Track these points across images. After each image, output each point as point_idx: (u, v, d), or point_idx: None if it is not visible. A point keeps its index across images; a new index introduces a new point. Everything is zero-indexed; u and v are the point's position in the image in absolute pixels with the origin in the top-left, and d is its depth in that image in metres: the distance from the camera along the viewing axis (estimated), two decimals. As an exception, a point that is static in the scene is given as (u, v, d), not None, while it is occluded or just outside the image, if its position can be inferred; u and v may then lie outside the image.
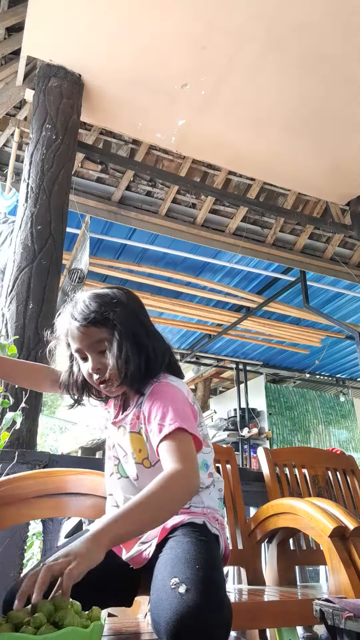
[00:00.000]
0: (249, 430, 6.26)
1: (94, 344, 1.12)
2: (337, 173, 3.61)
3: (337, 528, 1.33)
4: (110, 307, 1.13)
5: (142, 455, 1.11)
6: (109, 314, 1.12)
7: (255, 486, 2.14)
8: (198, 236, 3.82)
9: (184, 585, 0.83)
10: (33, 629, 0.72)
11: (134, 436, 1.13)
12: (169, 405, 1.06)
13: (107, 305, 1.13)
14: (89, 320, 1.11)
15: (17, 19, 2.87)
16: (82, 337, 1.12)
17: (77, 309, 1.14)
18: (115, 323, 1.12)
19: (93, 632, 0.74)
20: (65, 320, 1.16)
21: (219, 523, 1.11)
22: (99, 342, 1.12)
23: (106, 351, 1.11)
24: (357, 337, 4.24)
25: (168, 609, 0.81)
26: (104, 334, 1.12)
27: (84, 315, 1.12)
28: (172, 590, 0.83)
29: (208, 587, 0.84)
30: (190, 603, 0.80)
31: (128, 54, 2.70)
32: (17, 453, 1.72)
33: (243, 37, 2.58)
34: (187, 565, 0.89)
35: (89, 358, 1.13)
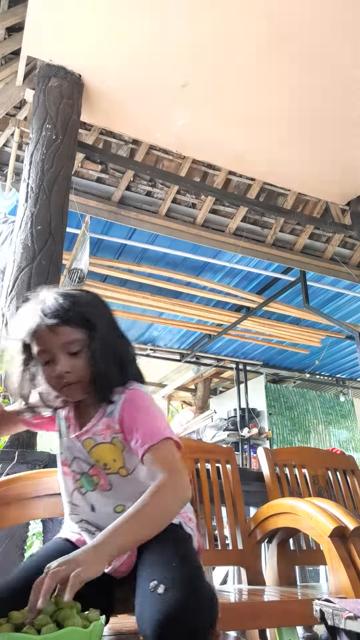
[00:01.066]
0: (249, 430, 6.26)
1: (66, 344, 1.04)
2: (337, 173, 3.61)
3: (337, 528, 1.33)
4: (84, 307, 1.08)
5: (118, 464, 1.08)
6: (84, 314, 1.06)
7: (255, 486, 2.14)
8: (198, 236, 3.82)
9: (162, 586, 0.83)
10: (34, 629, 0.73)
11: (105, 446, 1.08)
12: (150, 414, 1.06)
13: (82, 305, 1.07)
14: (63, 319, 1.03)
15: (17, 19, 2.87)
16: (53, 337, 1.03)
17: (48, 306, 1.05)
18: (91, 324, 1.06)
19: (93, 632, 0.74)
20: (32, 318, 1.05)
21: (193, 522, 1.12)
22: (72, 342, 1.04)
23: (79, 353, 1.04)
24: (357, 337, 4.24)
25: (149, 611, 0.81)
26: (78, 334, 1.05)
27: (58, 313, 1.03)
28: (152, 593, 0.83)
29: (186, 582, 0.84)
30: (170, 601, 0.80)
31: (128, 54, 2.70)
32: (17, 453, 1.72)
33: (243, 37, 2.58)
34: (164, 565, 0.90)
35: (57, 360, 1.04)
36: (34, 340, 1.05)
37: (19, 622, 0.75)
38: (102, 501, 1.09)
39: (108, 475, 1.08)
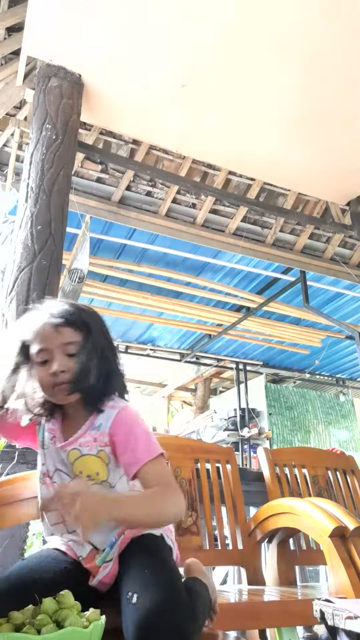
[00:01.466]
0: (249, 430, 6.26)
1: (64, 345, 1.09)
2: (337, 173, 3.61)
3: (337, 528, 1.33)
4: (87, 315, 1.15)
5: (101, 477, 1.09)
6: (86, 321, 1.13)
7: (255, 486, 2.14)
8: (198, 236, 3.82)
9: (135, 595, 0.86)
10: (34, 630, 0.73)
11: (90, 458, 1.10)
12: (143, 431, 1.11)
13: (83, 313, 1.15)
14: (67, 321, 1.11)
15: (17, 19, 2.87)
16: (56, 336, 1.09)
17: (55, 308, 1.13)
18: (90, 330, 1.12)
19: (93, 632, 0.74)
20: (37, 319, 1.12)
21: (172, 534, 1.15)
22: (70, 344, 1.10)
23: (74, 355, 1.09)
24: (357, 337, 4.24)
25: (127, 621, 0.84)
26: (77, 337, 1.11)
27: (63, 314, 1.11)
28: (128, 604, 0.86)
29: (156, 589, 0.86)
30: (140, 610, 0.83)
31: (128, 54, 2.70)
32: (17, 453, 1.72)
33: (243, 37, 2.58)
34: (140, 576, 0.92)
35: (54, 359, 1.08)
36: (37, 338, 1.10)
37: (19, 622, 0.75)
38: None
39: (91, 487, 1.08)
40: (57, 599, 0.79)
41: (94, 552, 1.06)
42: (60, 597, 0.80)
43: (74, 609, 0.79)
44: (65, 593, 0.82)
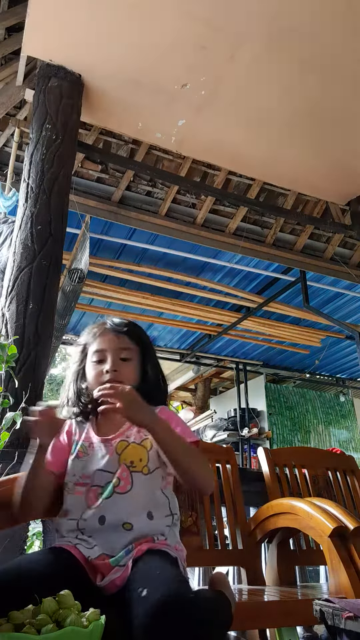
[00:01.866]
0: (249, 430, 6.26)
1: (120, 349, 1.28)
2: (337, 173, 3.61)
3: (337, 528, 1.33)
4: (142, 331, 1.37)
5: (142, 463, 1.19)
6: (140, 335, 1.34)
7: (255, 486, 2.14)
8: (198, 236, 3.82)
9: (145, 590, 0.88)
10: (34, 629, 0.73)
11: (135, 446, 1.21)
12: (183, 422, 1.28)
13: (140, 329, 1.37)
14: (125, 331, 1.31)
15: (17, 19, 2.87)
16: (114, 340, 1.29)
17: (116, 319, 1.36)
18: (143, 344, 1.33)
19: (93, 632, 0.74)
20: (99, 325, 1.34)
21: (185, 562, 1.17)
22: (125, 350, 1.29)
23: (127, 360, 1.27)
24: (357, 337, 4.24)
25: (135, 613, 0.85)
26: (131, 345, 1.30)
27: (123, 324, 1.33)
28: (138, 597, 0.88)
29: (167, 584, 0.88)
30: (150, 600, 0.84)
31: (128, 54, 2.70)
32: (17, 453, 1.72)
33: (243, 37, 2.58)
34: (151, 574, 0.95)
35: (108, 359, 1.26)
36: (98, 340, 1.31)
37: (19, 622, 0.75)
38: (115, 510, 1.11)
39: (132, 474, 1.17)
40: (57, 598, 0.79)
41: (104, 557, 1.07)
42: (60, 597, 0.80)
43: (74, 609, 0.78)
44: (65, 593, 0.82)
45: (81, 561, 1.07)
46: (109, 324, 1.33)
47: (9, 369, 1.79)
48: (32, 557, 1.06)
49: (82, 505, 1.15)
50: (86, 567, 1.07)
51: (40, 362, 2.14)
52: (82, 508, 1.15)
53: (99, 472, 1.17)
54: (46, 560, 1.03)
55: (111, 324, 1.32)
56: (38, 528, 2.66)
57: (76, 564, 1.06)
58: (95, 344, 1.30)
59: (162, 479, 1.20)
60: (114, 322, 1.33)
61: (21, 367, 2.06)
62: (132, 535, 1.09)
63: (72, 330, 5.68)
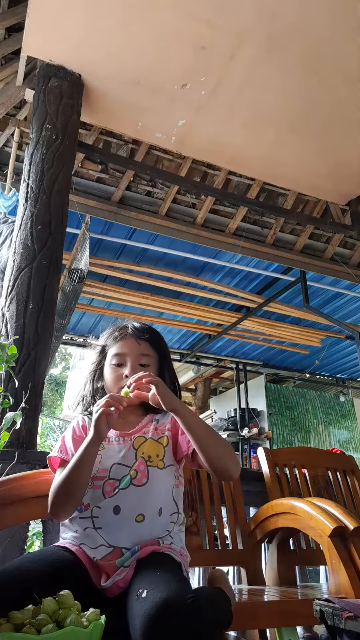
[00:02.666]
0: (249, 430, 6.26)
1: (140, 355, 1.31)
2: (337, 173, 3.61)
3: (337, 528, 1.33)
4: (161, 338, 1.40)
5: (159, 458, 1.23)
6: (160, 342, 1.38)
7: (255, 486, 2.14)
8: (198, 236, 3.82)
9: (145, 591, 0.89)
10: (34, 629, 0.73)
11: (153, 442, 1.25)
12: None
13: (160, 337, 1.40)
14: (146, 336, 1.35)
15: (17, 19, 2.87)
16: (134, 345, 1.33)
17: (138, 325, 1.38)
18: (164, 353, 1.37)
19: (93, 632, 0.74)
20: (121, 329, 1.37)
21: (188, 568, 1.20)
22: (144, 356, 1.32)
23: (146, 366, 1.31)
24: (357, 337, 4.24)
25: (134, 614, 0.86)
26: (151, 352, 1.34)
27: (144, 331, 1.36)
28: (137, 599, 0.88)
29: (168, 586, 0.88)
30: (150, 602, 0.84)
31: (128, 54, 2.70)
32: (17, 453, 1.72)
33: (243, 37, 2.58)
34: (151, 576, 0.95)
35: (128, 364, 1.30)
36: (119, 344, 1.34)
37: (18, 622, 0.75)
38: (130, 501, 1.14)
39: (149, 468, 1.20)
40: (57, 598, 0.79)
41: (110, 557, 1.07)
42: (60, 597, 0.80)
43: (74, 609, 0.78)
44: (65, 593, 0.82)
45: (84, 562, 1.07)
46: (131, 329, 1.35)
47: (9, 369, 1.79)
48: (33, 556, 1.06)
49: (98, 497, 1.17)
50: (90, 568, 1.07)
51: (40, 362, 2.14)
52: (95, 498, 1.17)
53: (116, 465, 1.20)
54: (47, 560, 1.03)
55: (133, 329, 1.35)
56: (38, 528, 2.65)
57: (78, 565, 1.06)
58: (115, 347, 1.34)
59: (175, 478, 1.24)
60: (136, 328, 1.36)
61: (21, 367, 2.06)
62: (142, 529, 1.11)
63: (72, 330, 5.67)
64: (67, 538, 1.16)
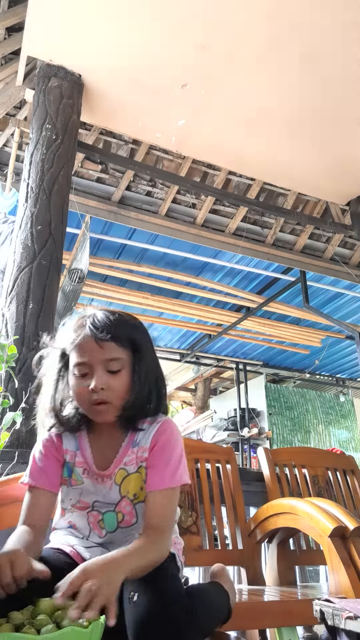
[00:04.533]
0: (249, 430, 6.26)
1: (107, 361, 1.02)
2: (337, 173, 3.61)
3: (337, 528, 1.33)
4: (133, 328, 1.08)
5: (144, 493, 1.06)
6: (132, 335, 1.06)
7: (255, 486, 2.14)
8: (198, 236, 3.82)
9: (136, 594, 0.86)
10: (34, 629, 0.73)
11: (135, 476, 1.07)
12: (177, 454, 1.07)
13: (131, 326, 1.08)
14: (111, 335, 1.03)
15: (17, 19, 2.87)
16: (97, 350, 1.02)
17: (98, 320, 1.04)
18: (136, 347, 1.06)
19: (93, 632, 0.74)
20: (78, 329, 1.05)
21: (182, 557, 1.13)
22: (113, 360, 1.03)
23: (117, 372, 1.03)
24: (357, 337, 4.24)
25: (128, 618, 0.84)
26: (121, 354, 1.04)
27: (107, 328, 1.03)
28: (129, 602, 0.86)
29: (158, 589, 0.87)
30: (139, 607, 0.83)
31: (128, 54, 2.70)
32: (17, 453, 1.72)
33: (243, 37, 2.58)
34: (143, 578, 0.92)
35: (93, 375, 1.02)
36: (78, 350, 1.03)
37: (18, 623, 0.75)
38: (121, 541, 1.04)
39: (136, 505, 1.06)
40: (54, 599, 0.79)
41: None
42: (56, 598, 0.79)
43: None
44: None
45: (79, 562, 1.07)
46: (89, 329, 1.03)
47: (9, 369, 1.79)
48: None
49: (84, 523, 1.09)
50: None
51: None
52: (84, 525, 1.09)
53: (97, 502, 1.08)
54: (43, 561, 1.03)
55: (92, 329, 1.03)
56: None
57: (72, 565, 1.06)
58: (75, 354, 1.04)
59: None
60: (96, 326, 1.03)
61: (21, 367, 2.06)
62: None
63: (72, 330, 5.67)
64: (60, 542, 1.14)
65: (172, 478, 1.03)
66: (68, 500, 1.10)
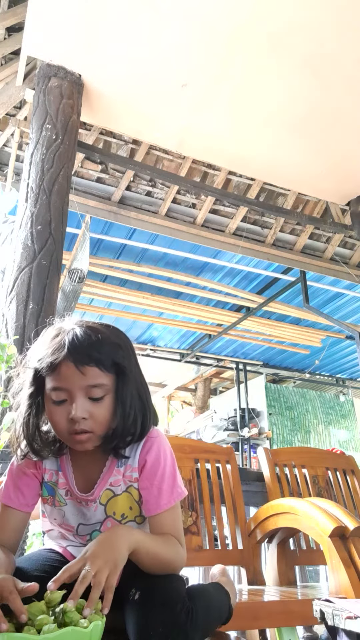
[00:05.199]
0: (249, 430, 6.26)
1: (88, 387, 0.92)
2: (337, 173, 3.61)
3: (337, 528, 1.33)
4: (116, 348, 0.96)
5: (134, 512, 1.02)
6: (115, 357, 0.95)
7: (255, 486, 2.14)
8: (198, 236, 3.82)
9: (137, 593, 0.87)
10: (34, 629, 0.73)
11: (123, 497, 1.01)
12: (169, 469, 1.02)
13: (114, 346, 0.96)
14: (93, 359, 0.91)
15: (17, 19, 2.87)
16: (78, 376, 0.91)
17: (79, 340, 0.92)
18: (121, 369, 0.96)
19: (93, 631, 0.74)
20: (55, 350, 0.92)
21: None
22: (96, 387, 0.92)
23: (100, 399, 0.93)
24: (357, 337, 4.24)
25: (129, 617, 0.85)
26: (104, 379, 0.93)
27: (89, 351, 0.91)
28: (130, 601, 0.87)
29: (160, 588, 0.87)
30: (141, 606, 0.83)
31: (128, 54, 2.70)
32: (17, 453, 1.72)
33: (243, 37, 2.58)
34: (144, 576, 0.92)
35: (74, 402, 0.91)
36: (54, 375, 0.92)
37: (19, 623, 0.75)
38: None
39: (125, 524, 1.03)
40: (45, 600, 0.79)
41: None
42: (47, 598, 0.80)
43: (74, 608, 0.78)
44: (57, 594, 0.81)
45: None
46: (69, 351, 0.90)
47: (9, 369, 1.79)
48: (22, 559, 1.05)
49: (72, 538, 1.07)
50: None
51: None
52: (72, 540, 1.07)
53: (82, 525, 1.03)
54: (38, 561, 1.03)
55: (72, 352, 0.90)
56: (38, 528, 2.65)
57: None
58: (52, 379, 0.92)
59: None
60: (77, 349, 0.91)
61: (21, 367, 2.06)
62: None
63: (72, 330, 5.67)
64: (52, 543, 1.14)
65: (170, 496, 1.00)
66: (53, 520, 1.06)
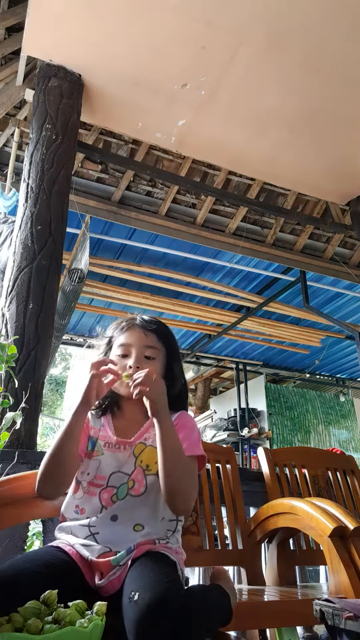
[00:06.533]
0: (249, 430, 6.26)
1: (146, 347, 1.26)
2: (337, 173, 3.61)
3: (337, 528, 1.32)
4: (170, 332, 1.35)
5: (157, 466, 1.16)
6: (168, 336, 1.33)
7: (255, 486, 2.14)
8: (198, 236, 3.82)
9: (137, 594, 0.88)
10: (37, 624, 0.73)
11: (152, 449, 1.20)
12: (196, 433, 1.25)
13: (169, 332, 1.35)
14: (154, 328, 1.30)
15: (17, 19, 2.87)
16: (141, 336, 1.27)
17: (145, 317, 1.33)
18: (170, 345, 1.32)
19: (93, 632, 0.74)
20: (129, 319, 1.32)
21: (184, 566, 1.17)
22: (151, 348, 1.27)
23: (152, 359, 1.26)
24: (357, 337, 4.24)
25: (128, 618, 0.86)
26: (157, 345, 1.28)
27: (152, 322, 1.32)
28: (130, 601, 0.88)
29: (159, 589, 0.88)
30: (141, 606, 0.85)
31: (128, 54, 2.70)
32: (17, 453, 1.72)
33: (243, 37, 2.58)
34: (144, 577, 0.94)
35: (132, 355, 1.25)
36: (125, 334, 1.29)
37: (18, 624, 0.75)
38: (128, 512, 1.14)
39: (147, 476, 1.17)
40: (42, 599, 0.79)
41: (105, 556, 1.07)
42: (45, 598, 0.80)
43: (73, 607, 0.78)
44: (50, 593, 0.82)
45: (78, 562, 1.07)
46: (139, 320, 1.31)
47: (9, 369, 1.79)
48: (26, 556, 1.06)
49: (94, 505, 1.15)
50: (84, 566, 1.07)
51: (40, 362, 2.14)
52: (94, 508, 1.15)
53: (115, 474, 1.18)
54: (41, 559, 1.03)
55: (140, 320, 1.31)
56: (38, 528, 2.65)
57: (72, 564, 1.06)
58: (121, 338, 1.29)
59: None
60: (144, 319, 1.32)
61: (21, 367, 2.07)
62: (140, 535, 1.10)
63: (72, 330, 5.68)
64: (61, 539, 1.15)
65: (192, 448, 1.19)
66: (86, 475, 1.19)
